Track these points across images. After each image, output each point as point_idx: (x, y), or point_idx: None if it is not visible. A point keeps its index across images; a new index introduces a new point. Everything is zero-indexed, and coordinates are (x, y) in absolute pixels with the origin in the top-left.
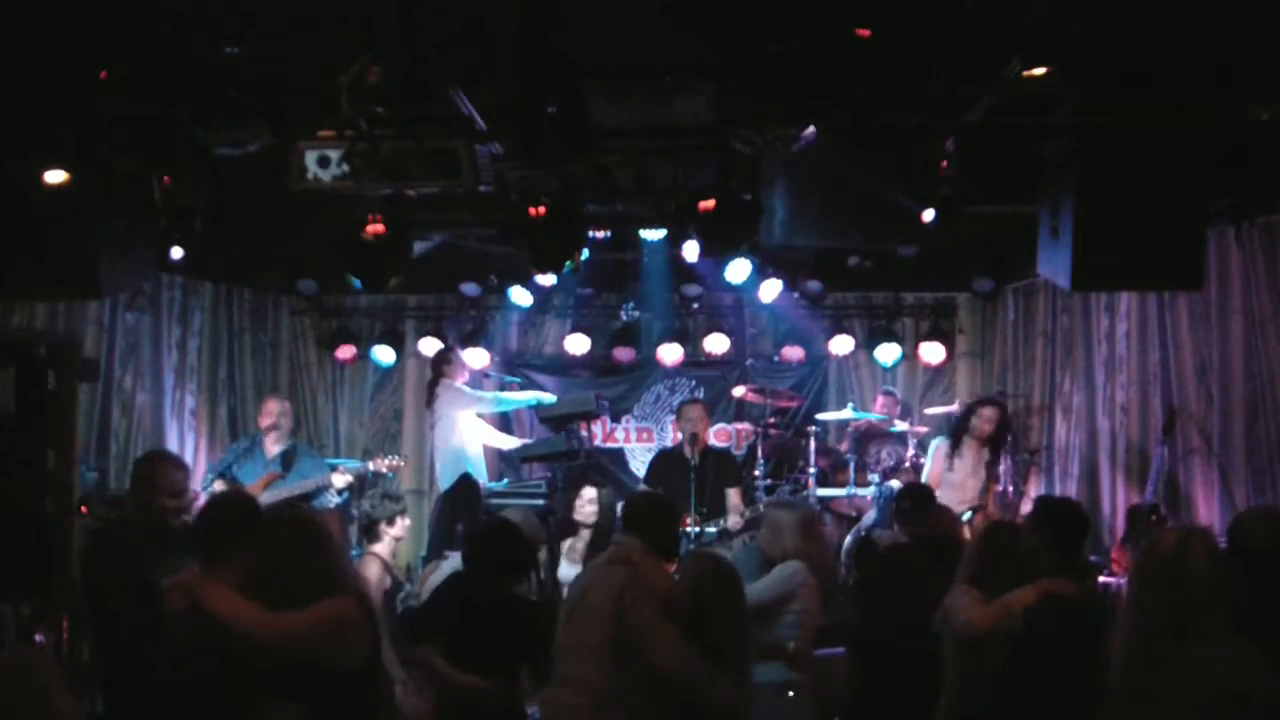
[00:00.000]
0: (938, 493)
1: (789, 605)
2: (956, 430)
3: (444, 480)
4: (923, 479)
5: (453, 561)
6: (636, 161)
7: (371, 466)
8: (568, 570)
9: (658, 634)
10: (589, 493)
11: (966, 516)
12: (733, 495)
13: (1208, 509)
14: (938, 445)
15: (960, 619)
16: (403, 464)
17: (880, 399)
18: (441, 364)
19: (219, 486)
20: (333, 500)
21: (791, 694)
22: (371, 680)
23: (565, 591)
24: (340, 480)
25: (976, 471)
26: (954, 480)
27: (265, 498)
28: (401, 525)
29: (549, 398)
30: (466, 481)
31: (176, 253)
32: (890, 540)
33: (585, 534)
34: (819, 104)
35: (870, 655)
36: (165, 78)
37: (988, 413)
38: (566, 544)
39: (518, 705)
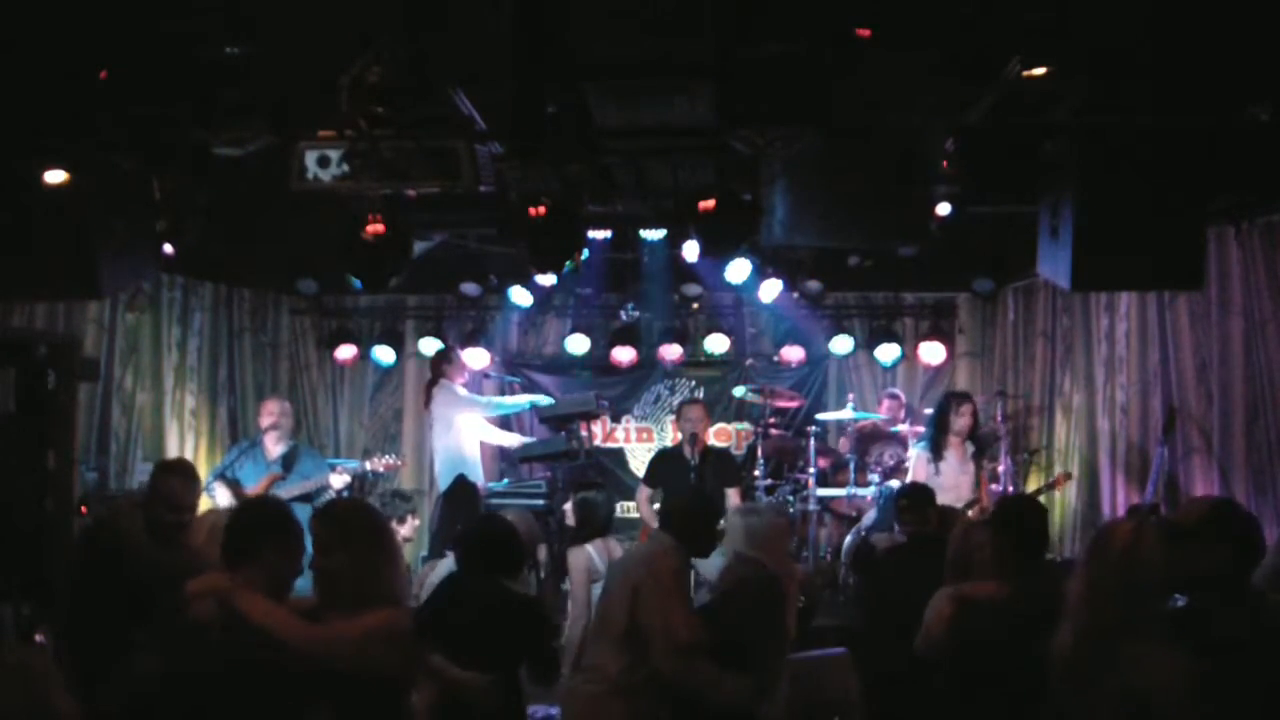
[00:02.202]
0: None
1: None
2: (937, 433)
3: (443, 481)
4: None
5: (450, 561)
6: (636, 161)
7: (369, 466)
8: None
9: (660, 635)
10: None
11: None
12: (732, 495)
13: None
14: (917, 455)
15: (921, 632)
16: (400, 464)
17: (885, 401)
18: (441, 364)
19: (219, 487)
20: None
21: None
22: (409, 690)
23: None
24: (339, 480)
25: (965, 468)
26: (943, 483)
27: None
28: (411, 525)
29: (544, 400)
30: (463, 482)
31: (169, 249)
32: (888, 541)
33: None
34: (819, 104)
35: (869, 657)
36: (165, 78)
37: (965, 408)
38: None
39: (515, 703)
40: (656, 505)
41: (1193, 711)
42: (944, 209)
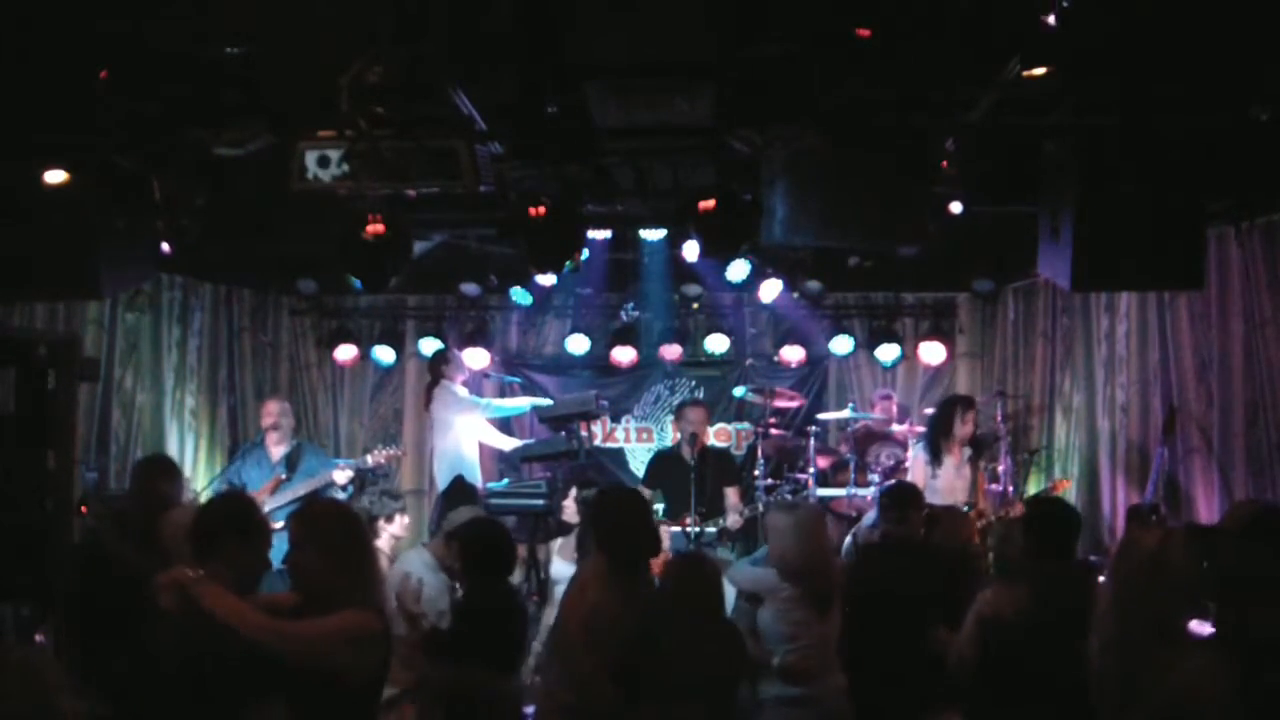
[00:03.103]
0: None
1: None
2: (937, 436)
3: (442, 481)
4: None
5: (417, 554)
6: (636, 161)
7: (370, 460)
8: (561, 567)
9: (570, 666)
10: (571, 494)
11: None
12: (731, 494)
13: (1208, 509)
14: (916, 454)
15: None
16: (401, 454)
17: (879, 402)
18: (439, 365)
19: None
20: (338, 496)
21: (785, 708)
22: (376, 693)
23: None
24: (342, 477)
25: (961, 472)
26: (940, 486)
27: (274, 501)
28: (401, 523)
29: (544, 402)
30: (461, 483)
31: (166, 248)
32: (864, 538)
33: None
34: (819, 104)
35: (850, 661)
36: (165, 78)
37: (970, 415)
38: (558, 543)
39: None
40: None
41: (1232, 715)
42: (956, 207)
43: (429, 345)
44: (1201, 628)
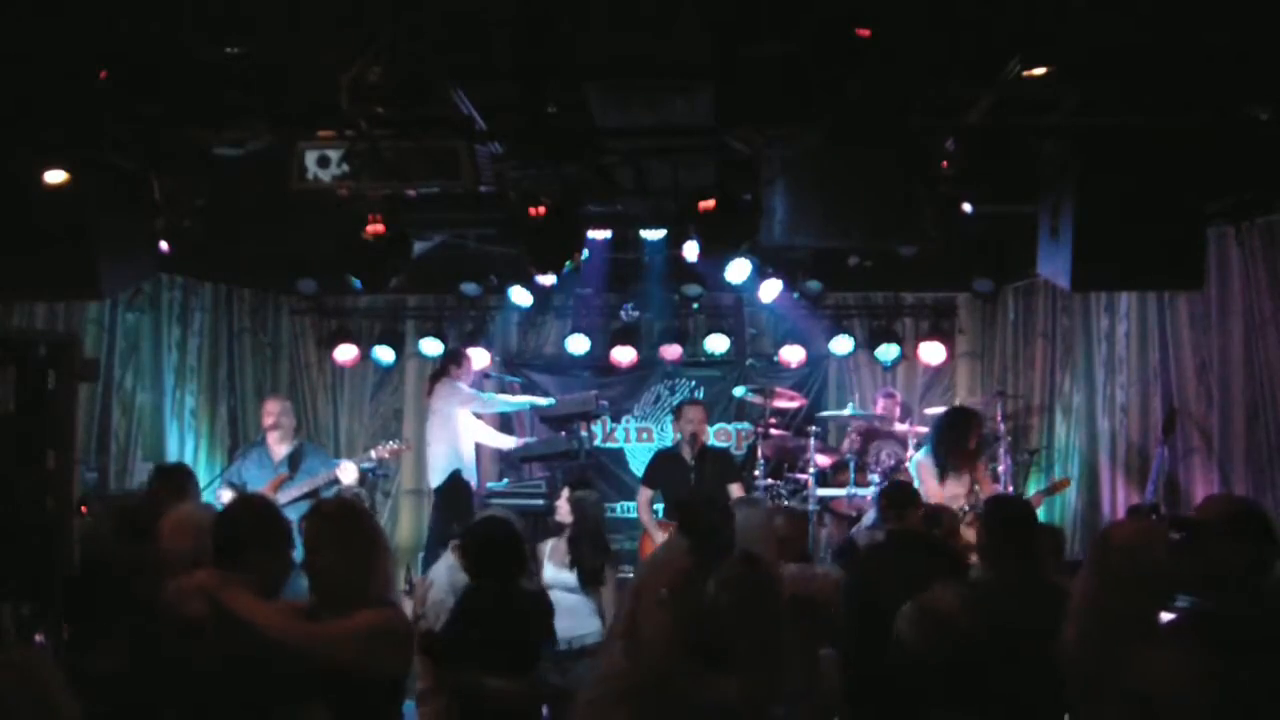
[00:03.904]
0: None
1: None
2: (948, 451)
3: (435, 477)
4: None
5: (445, 561)
6: (636, 161)
7: (375, 455)
8: (552, 573)
9: (641, 635)
10: (564, 494)
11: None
12: (736, 491)
13: None
14: (920, 461)
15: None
16: (405, 448)
17: (881, 400)
18: (449, 362)
19: (226, 494)
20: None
21: None
22: (398, 691)
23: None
24: (349, 475)
25: (961, 479)
26: (946, 491)
27: (277, 500)
28: None
29: (545, 401)
30: (458, 480)
31: (164, 246)
32: (868, 538)
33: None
34: (819, 104)
35: (852, 655)
36: (165, 78)
37: (983, 430)
38: (549, 546)
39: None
40: (658, 506)
41: (1202, 712)
42: (967, 207)
43: (429, 345)
44: (1168, 616)
